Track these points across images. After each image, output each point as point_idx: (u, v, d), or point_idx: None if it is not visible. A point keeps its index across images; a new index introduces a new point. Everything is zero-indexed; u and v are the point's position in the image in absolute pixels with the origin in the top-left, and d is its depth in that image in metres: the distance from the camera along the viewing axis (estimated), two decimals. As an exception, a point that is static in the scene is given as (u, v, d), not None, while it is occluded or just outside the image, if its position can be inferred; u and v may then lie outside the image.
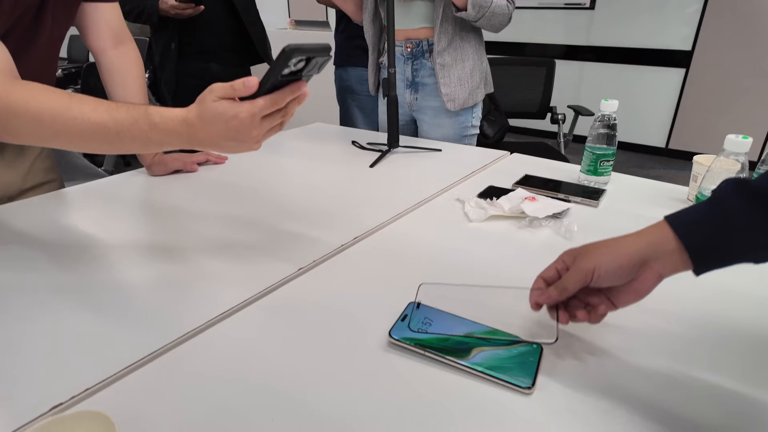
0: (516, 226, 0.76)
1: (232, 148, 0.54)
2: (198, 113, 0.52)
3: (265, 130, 0.53)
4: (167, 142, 0.54)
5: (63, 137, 0.55)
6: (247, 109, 0.50)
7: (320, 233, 0.73)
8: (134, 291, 0.58)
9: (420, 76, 1.24)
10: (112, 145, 0.56)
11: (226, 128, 0.51)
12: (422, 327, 0.50)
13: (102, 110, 0.53)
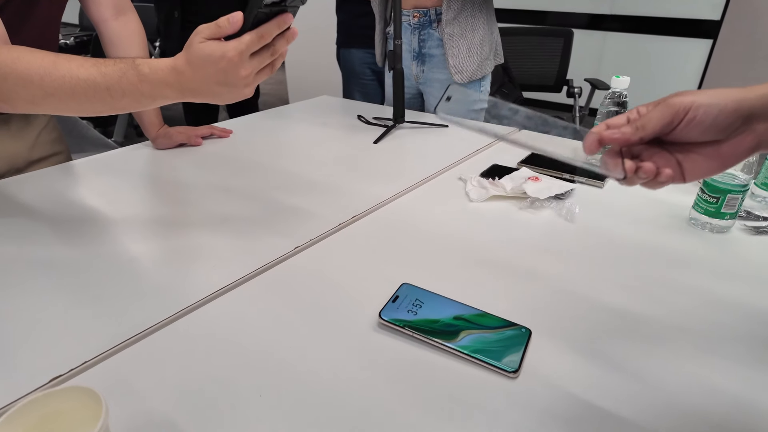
0: (517, 207, 0.75)
1: (225, 94, 0.53)
2: (186, 59, 0.51)
3: (254, 69, 0.51)
4: (159, 94, 0.53)
5: (54, 97, 0.54)
6: (234, 47, 0.49)
7: (319, 210, 0.73)
8: (133, 266, 0.59)
9: (427, 47, 1.20)
10: (104, 102, 0.54)
11: (215, 70, 0.50)
12: (413, 308, 0.50)
13: (89, 65, 0.52)
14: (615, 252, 0.63)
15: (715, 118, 0.36)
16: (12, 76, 0.53)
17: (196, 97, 0.53)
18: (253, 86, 0.53)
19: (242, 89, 0.52)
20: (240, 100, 0.54)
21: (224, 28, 0.49)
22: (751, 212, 0.72)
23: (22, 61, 0.53)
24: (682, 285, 0.56)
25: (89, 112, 0.57)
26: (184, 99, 0.54)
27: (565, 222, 0.70)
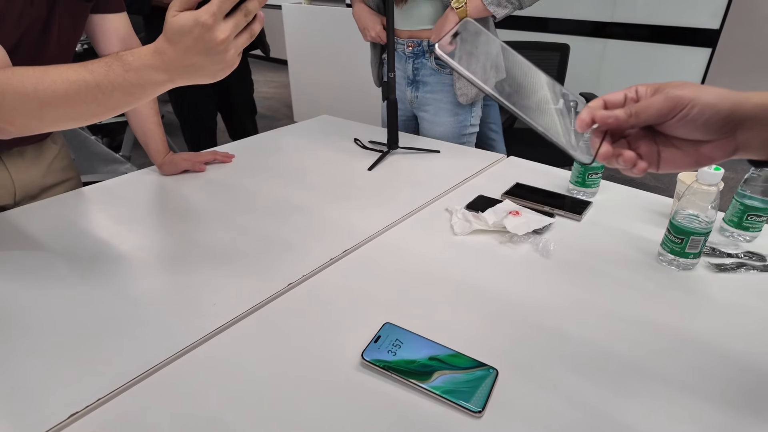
0: (498, 241, 0.80)
1: (209, 66, 0.52)
2: (164, 37, 0.51)
3: (231, 32, 0.50)
4: (147, 80, 0.53)
5: (50, 106, 0.55)
6: (205, 10, 0.48)
7: (313, 244, 0.79)
8: (137, 303, 0.65)
9: (421, 75, 1.25)
10: (98, 101, 0.54)
11: (192, 40, 0.49)
12: (392, 349, 0.55)
13: (77, 66, 0.54)
14: (586, 288, 0.68)
15: (708, 119, 0.38)
16: (9, 92, 0.55)
17: (183, 75, 0.53)
18: (236, 52, 0.52)
19: (224, 56, 0.51)
20: (228, 73, 0.54)
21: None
22: (717, 248, 0.76)
23: (15, 76, 0.55)
24: (649, 322, 0.61)
25: (87, 117, 0.58)
26: (173, 81, 0.54)
27: (541, 257, 0.75)
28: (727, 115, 0.38)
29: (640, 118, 0.40)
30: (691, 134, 0.40)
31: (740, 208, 0.78)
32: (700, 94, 0.38)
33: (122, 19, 0.95)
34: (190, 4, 0.49)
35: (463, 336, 0.58)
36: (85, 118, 0.58)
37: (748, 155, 0.40)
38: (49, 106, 0.55)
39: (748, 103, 0.38)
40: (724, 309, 0.64)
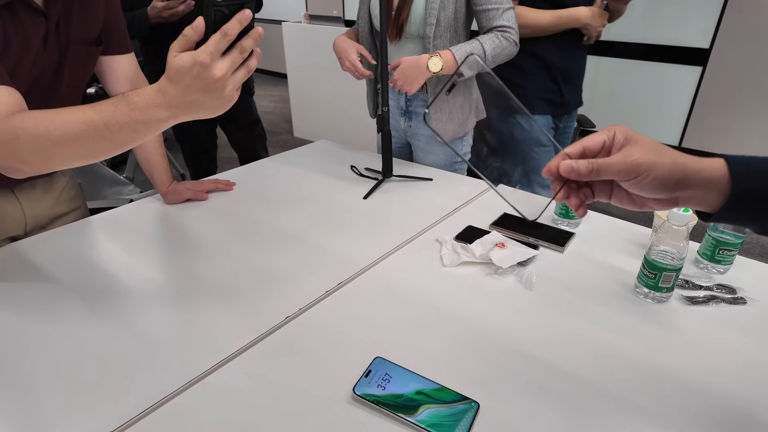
0: (485, 273, 0.84)
1: (209, 102, 0.55)
2: (166, 77, 0.54)
3: (228, 69, 0.53)
4: (152, 117, 0.56)
5: (62, 146, 0.59)
6: (203, 50, 0.51)
7: (309, 276, 0.83)
8: (142, 337, 0.69)
9: (413, 106, 1.31)
10: (106, 139, 0.58)
11: (192, 78, 0.52)
12: (382, 383, 0.60)
13: (86, 108, 0.58)
14: (566, 321, 0.73)
15: (656, 186, 0.44)
16: (24, 134, 0.59)
17: (185, 111, 0.56)
18: (233, 88, 0.55)
19: (223, 92, 0.54)
20: (228, 108, 0.57)
21: (190, 36, 0.52)
22: (690, 281, 0.81)
23: (29, 120, 0.60)
24: (624, 354, 0.66)
25: (96, 154, 0.62)
26: (176, 117, 0.57)
27: (525, 290, 0.80)
28: (675, 184, 0.44)
29: (599, 175, 0.45)
30: (640, 192, 0.45)
31: (712, 243, 0.83)
32: (656, 164, 0.43)
33: (130, 59, 1.00)
34: (189, 45, 0.53)
35: (448, 368, 0.63)
36: (95, 155, 0.62)
37: (690, 207, 0.46)
38: (60, 146, 0.59)
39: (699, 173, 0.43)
40: (694, 341, 0.69)
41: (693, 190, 0.44)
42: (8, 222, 0.95)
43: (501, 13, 1.14)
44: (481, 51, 1.13)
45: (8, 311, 0.74)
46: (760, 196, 0.42)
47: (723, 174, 0.43)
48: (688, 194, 0.44)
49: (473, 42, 1.15)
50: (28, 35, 0.76)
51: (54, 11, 0.80)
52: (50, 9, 0.79)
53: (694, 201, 0.45)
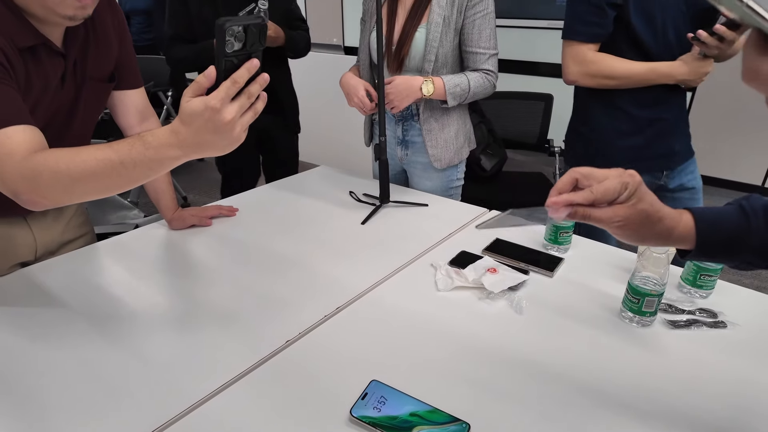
0: (477, 297, 0.88)
1: (219, 142, 0.59)
2: (179, 119, 0.59)
3: (237, 113, 0.58)
4: (165, 156, 0.61)
5: (81, 182, 0.63)
6: (214, 96, 0.56)
7: (309, 300, 0.86)
8: (148, 362, 0.72)
9: (410, 136, 1.36)
10: (121, 175, 0.62)
11: (203, 121, 0.57)
12: (378, 405, 0.63)
13: (104, 146, 0.63)
14: (554, 344, 0.76)
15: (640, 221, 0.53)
16: (46, 171, 0.64)
17: (196, 150, 0.61)
18: (242, 129, 0.60)
19: (231, 133, 0.59)
20: (235, 147, 0.61)
21: (203, 83, 0.57)
22: (673, 305, 0.84)
23: (51, 157, 0.65)
24: (610, 376, 0.69)
25: (112, 189, 0.66)
26: (187, 156, 0.61)
27: (515, 313, 0.83)
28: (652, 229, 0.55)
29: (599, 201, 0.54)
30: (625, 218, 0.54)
31: (694, 269, 0.87)
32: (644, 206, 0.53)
33: (140, 93, 1.06)
34: (201, 91, 0.58)
35: (441, 390, 0.66)
36: (110, 190, 0.67)
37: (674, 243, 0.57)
38: (79, 182, 0.64)
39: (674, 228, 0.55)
40: (676, 364, 0.72)
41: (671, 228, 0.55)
42: (20, 248, 0.99)
43: (487, 58, 1.25)
44: (467, 85, 1.23)
45: (20, 335, 0.77)
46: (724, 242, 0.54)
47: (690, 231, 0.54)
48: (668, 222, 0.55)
49: (462, 76, 1.24)
50: (48, 75, 0.82)
51: (72, 52, 0.86)
52: (69, 50, 0.85)
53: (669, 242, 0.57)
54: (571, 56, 1.22)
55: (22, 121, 0.68)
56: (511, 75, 3.93)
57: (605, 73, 1.20)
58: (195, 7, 1.57)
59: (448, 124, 1.31)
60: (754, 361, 0.73)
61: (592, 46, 1.19)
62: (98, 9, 0.82)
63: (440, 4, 1.21)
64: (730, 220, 0.55)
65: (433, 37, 1.22)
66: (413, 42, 1.23)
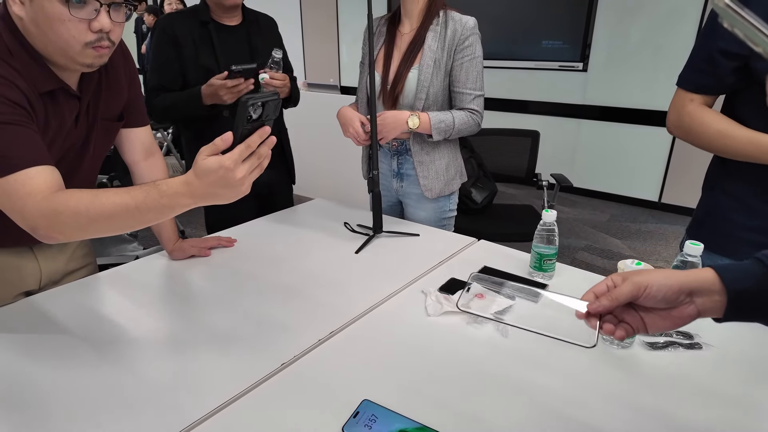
0: (465, 321, 0.92)
1: (227, 194, 0.68)
2: (194, 172, 0.66)
3: (246, 172, 0.66)
4: (177, 203, 0.68)
5: (97, 222, 0.70)
6: (229, 157, 0.65)
7: (304, 326, 0.90)
8: (150, 384, 0.75)
9: (404, 169, 1.44)
10: (134, 218, 0.70)
11: (216, 177, 0.65)
12: (368, 423, 0.66)
13: (122, 192, 0.70)
14: (538, 364, 0.79)
15: (664, 294, 0.53)
16: (66, 211, 0.71)
17: (205, 200, 0.68)
18: (249, 184, 0.68)
19: (239, 188, 0.68)
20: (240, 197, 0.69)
21: (219, 146, 0.65)
22: (652, 328, 0.88)
23: (72, 198, 0.71)
24: (590, 395, 0.72)
25: (124, 229, 0.74)
26: (196, 203, 0.69)
27: (501, 337, 0.87)
28: (678, 289, 0.53)
29: (619, 301, 0.55)
30: (658, 304, 0.54)
31: (669, 292, 0.91)
32: (652, 277, 0.54)
33: (146, 131, 1.12)
34: (217, 151, 0.67)
35: (429, 408, 0.69)
36: (122, 230, 0.74)
37: (712, 315, 0.54)
38: (95, 222, 0.71)
39: (692, 278, 0.53)
40: (654, 383, 0.76)
41: (698, 297, 0.53)
42: (25, 278, 1.03)
43: (473, 98, 1.33)
44: (452, 122, 1.32)
45: (25, 359, 0.80)
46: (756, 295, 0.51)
47: (715, 280, 0.52)
48: (702, 301, 0.53)
49: (447, 113, 1.33)
50: (64, 116, 0.88)
51: (86, 95, 0.93)
52: (84, 93, 0.92)
53: (707, 310, 0.53)
54: (673, 103, 1.04)
55: (42, 162, 0.74)
56: (500, 113, 4.09)
57: (697, 131, 0.99)
58: (190, 52, 1.47)
59: (439, 157, 1.39)
60: (728, 379, 0.76)
61: (698, 97, 0.99)
62: (112, 56, 0.90)
63: (432, 48, 1.30)
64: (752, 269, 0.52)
65: (424, 78, 1.31)
66: (406, 82, 1.33)
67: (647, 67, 3.45)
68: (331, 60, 5.28)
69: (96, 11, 0.79)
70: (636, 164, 3.67)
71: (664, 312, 0.54)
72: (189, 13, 1.51)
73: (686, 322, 0.54)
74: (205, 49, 1.48)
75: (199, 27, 1.48)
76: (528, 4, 3.81)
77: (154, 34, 1.55)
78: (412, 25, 1.35)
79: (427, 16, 1.32)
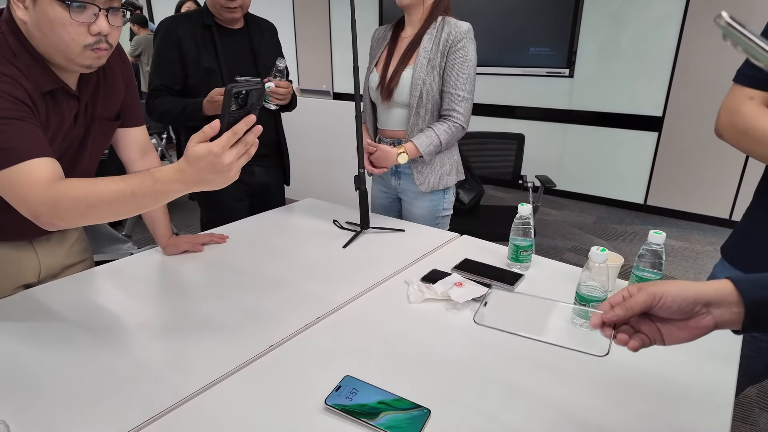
0: (444, 308, 0.97)
1: (216, 180, 0.71)
2: (185, 159, 0.70)
3: (234, 158, 0.70)
4: (170, 189, 0.72)
5: (95, 208, 0.75)
6: (217, 143, 0.68)
7: (291, 313, 0.95)
8: (144, 365, 0.79)
9: (402, 167, 1.51)
10: (131, 204, 0.73)
11: (206, 163, 0.68)
12: (350, 395, 0.71)
13: (118, 180, 0.74)
14: (510, 345, 0.85)
15: (679, 304, 0.53)
16: (66, 198, 0.75)
17: (197, 186, 0.72)
18: (237, 170, 0.72)
19: (228, 174, 0.71)
20: (229, 184, 0.73)
21: (208, 133, 0.69)
22: (619, 312, 0.94)
23: (72, 187, 0.76)
24: (561, 371, 0.78)
25: (120, 215, 0.78)
26: (188, 189, 0.73)
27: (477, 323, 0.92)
28: (693, 299, 0.53)
29: (634, 311, 0.56)
30: (674, 315, 0.55)
31: (636, 280, 0.97)
32: (667, 287, 0.54)
33: (142, 131, 1.17)
34: (206, 138, 0.71)
35: (407, 384, 0.74)
36: (119, 215, 0.79)
37: (730, 327, 0.54)
38: (93, 208, 0.75)
39: (709, 289, 0.53)
40: (619, 359, 0.81)
41: (715, 308, 0.53)
42: (25, 271, 1.07)
43: (460, 100, 1.40)
44: (438, 141, 1.40)
45: (28, 346, 0.84)
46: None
47: (732, 290, 0.52)
48: (720, 312, 0.53)
49: (432, 134, 1.40)
50: (64, 114, 0.93)
51: (85, 94, 0.98)
52: (82, 93, 0.97)
53: (725, 322, 0.53)
54: (727, 102, 0.92)
55: (44, 154, 0.79)
56: (488, 118, 4.17)
57: (753, 135, 0.87)
58: (192, 54, 1.52)
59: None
60: (686, 357, 0.82)
61: (758, 94, 0.87)
62: (109, 59, 0.95)
63: (426, 49, 1.39)
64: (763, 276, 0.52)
65: (418, 76, 1.39)
66: (401, 79, 1.41)
67: (631, 74, 3.55)
68: (324, 66, 5.36)
69: (95, 15, 0.84)
70: (622, 168, 3.76)
71: (681, 323, 0.54)
72: (192, 16, 1.55)
73: (704, 333, 0.53)
74: (207, 52, 1.52)
75: (202, 29, 1.52)
76: (516, 12, 3.90)
77: (157, 36, 1.56)
78: (413, 29, 1.44)
79: (427, 20, 1.41)
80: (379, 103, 1.49)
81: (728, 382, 0.76)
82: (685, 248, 3.14)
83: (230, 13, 1.50)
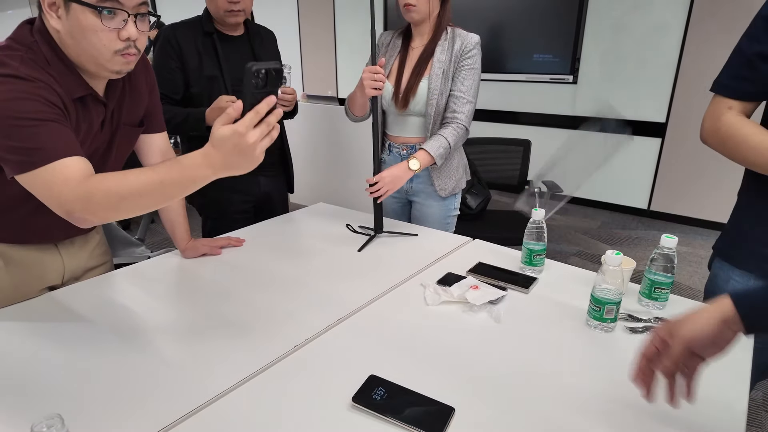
0: (461, 310, 1.00)
1: (243, 162, 0.72)
2: (210, 143, 0.71)
3: (258, 137, 0.71)
4: (198, 175, 0.74)
5: (127, 200, 0.77)
6: (241, 123, 0.70)
7: (313, 314, 0.97)
8: (171, 365, 0.82)
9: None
10: (161, 193, 0.75)
11: (231, 144, 0.70)
12: (375, 393, 0.73)
13: (146, 169, 0.77)
14: (527, 346, 0.87)
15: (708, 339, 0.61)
16: (98, 193, 0.77)
17: (224, 170, 0.73)
18: (261, 151, 0.73)
19: (253, 154, 0.72)
20: (254, 167, 0.74)
21: (232, 115, 0.71)
22: (633, 315, 0.97)
23: (103, 181, 0.79)
24: (576, 372, 0.80)
25: (151, 206, 0.80)
26: (216, 174, 0.74)
27: (495, 323, 0.95)
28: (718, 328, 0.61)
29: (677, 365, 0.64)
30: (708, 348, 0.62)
31: (648, 283, 1.00)
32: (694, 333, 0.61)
33: (163, 136, 1.20)
34: (230, 121, 0.73)
35: (429, 383, 0.76)
36: (149, 207, 0.81)
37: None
38: (125, 200, 0.78)
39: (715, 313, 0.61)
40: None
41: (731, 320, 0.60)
42: (50, 273, 1.10)
43: (464, 102, 1.45)
44: (448, 144, 1.43)
45: (54, 346, 0.86)
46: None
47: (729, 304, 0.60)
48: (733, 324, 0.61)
49: (441, 139, 1.43)
50: (92, 120, 0.96)
51: (112, 101, 1.01)
52: (109, 99, 1.00)
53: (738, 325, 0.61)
54: (709, 111, 0.99)
55: (76, 153, 0.82)
56: (493, 124, 4.21)
57: (735, 142, 0.94)
58: (194, 62, 1.51)
59: (451, 158, 1.52)
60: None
61: (737, 104, 0.94)
62: (134, 68, 0.98)
63: (440, 60, 1.43)
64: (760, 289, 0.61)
65: (434, 87, 1.44)
66: (418, 90, 1.45)
67: (633, 80, 3.59)
68: (329, 72, 5.40)
69: (124, 21, 0.87)
70: (625, 173, 3.79)
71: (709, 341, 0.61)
72: (191, 24, 1.55)
73: (731, 341, 0.61)
74: (209, 59, 1.53)
75: (203, 37, 1.53)
76: (519, 19, 3.95)
77: (157, 44, 1.55)
78: (422, 40, 1.48)
79: (436, 32, 1.45)
80: (392, 111, 1.52)
81: (743, 374, 0.79)
82: (690, 253, 3.16)
83: (234, 17, 1.50)
